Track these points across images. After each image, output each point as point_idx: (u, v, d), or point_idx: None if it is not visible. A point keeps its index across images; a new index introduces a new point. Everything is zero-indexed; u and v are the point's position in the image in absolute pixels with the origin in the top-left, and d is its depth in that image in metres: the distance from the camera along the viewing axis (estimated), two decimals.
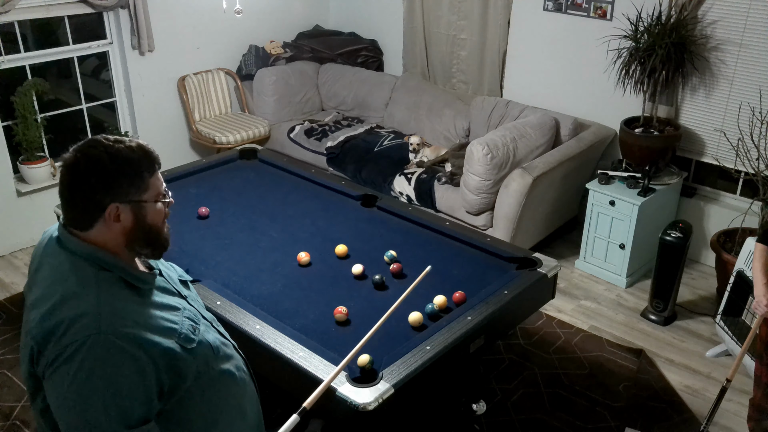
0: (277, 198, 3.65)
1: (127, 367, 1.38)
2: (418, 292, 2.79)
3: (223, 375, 1.60)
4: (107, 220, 1.46)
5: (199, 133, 5.20)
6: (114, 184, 1.45)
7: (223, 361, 1.61)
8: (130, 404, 1.38)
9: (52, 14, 4.47)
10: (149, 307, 1.48)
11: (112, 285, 1.46)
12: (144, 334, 1.41)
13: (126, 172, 1.46)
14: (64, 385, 1.37)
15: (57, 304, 1.42)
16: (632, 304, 4.10)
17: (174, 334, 1.48)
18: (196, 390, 1.52)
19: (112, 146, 1.46)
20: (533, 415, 3.17)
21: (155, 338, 1.43)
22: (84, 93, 4.89)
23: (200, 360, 1.53)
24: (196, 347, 1.52)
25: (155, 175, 1.53)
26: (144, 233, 1.51)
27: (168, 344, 1.45)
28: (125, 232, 1.49)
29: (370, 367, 2.29)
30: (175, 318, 1.52)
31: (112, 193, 1.45)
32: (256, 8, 5.53)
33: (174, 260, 2.92)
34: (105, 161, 1.44)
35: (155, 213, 1.53)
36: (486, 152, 4.02)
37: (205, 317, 1.67)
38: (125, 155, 1.46)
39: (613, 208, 4.12)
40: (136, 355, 1.38)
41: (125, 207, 1.47)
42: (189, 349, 1.49)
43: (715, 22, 4.05)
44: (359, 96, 5.61)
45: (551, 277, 2.92)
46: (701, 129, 4.31)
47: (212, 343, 1.59)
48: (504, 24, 4.94)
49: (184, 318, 1.54)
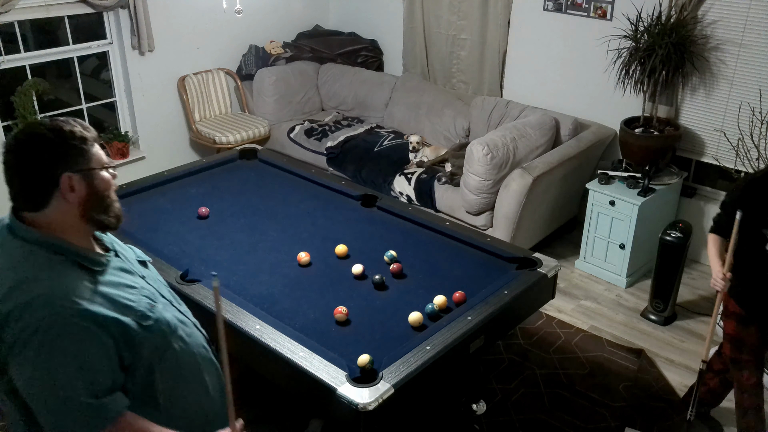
0: (277, 198, 3.65)
1: (87, 342, 1.44)
2: (418, 292, 2.80)
3: (183, 352, 1.66)
4: (63, 192, 1.51)
5: (199, 133, 5.20)
6: (63, 155, 1.51)
7: (181, 339, 1.67)
8: (95, 376, 1.45)
9: (52, 14, 4.47)
10: (105, 286, 1.54)
11: (66, 268, 1.51)
12: (99, 310, 1.47)
13: (70, 143, 1.52)
14: (29, 367, 1.43)
15: (11, 290, 1.45)
16: (632, 304, 4.10)
17: (130, 311, 1.54)
18: (156, 366, 1.59)
19: (49, 124, 1.54)
20: (533, 415, 3.17)
21: (111, 314, 1.49)
22: (84, 93, 4.89)
23: (158, 337, 1.59)
24: (153, 324, 1.58)
25: (95, 145, 1.59)
26: (99, 200, 1.57)
27: (125, 320, 1.51)
28: (81, 201, 1.54)
29: (370, 367, 2.29)
30: (132, 296, 1.57)
31: (63, 163, 1.51)
32: (256, 8, 5.53)
33: (174, 260, 2.93)
34: (49, 137, 1.50)
35: (104, 181, 1.59)
36: (486, 152, 4.02)
37: (165, 296, 1.72)
38: (66, 129, 1.53)
39: (613, 208, 4.12)
40: (93, 330, 1.45)
41: (77, 176, 1.52)
42: (146, 326, 1.55)
43: (715, 22, 4.05)
44: (359, 96, 5.61)
45: (551, 277, 2.92)
46: (701, 129, 4.31)
47: (170, 321, 1.64)
48: (504, 24, 4.94)
49: (141, 296, 1.59)
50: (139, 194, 3.60)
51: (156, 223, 3.31)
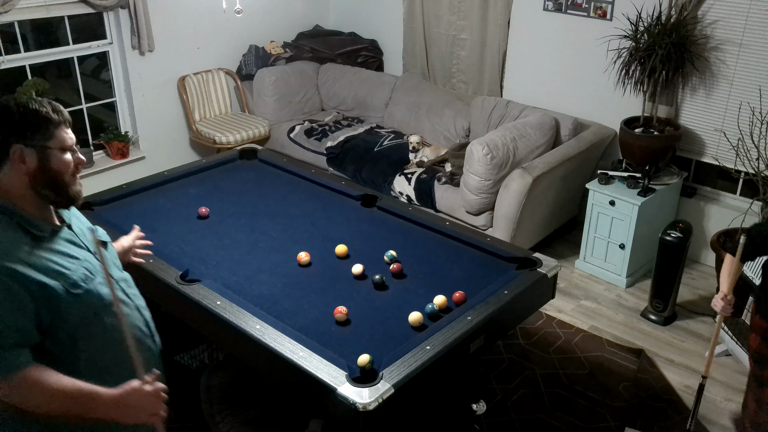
0: (277, 198, 3.65)
1: (2, 295, 1.56)
2: (418, 292, 2.80)
3: (114, 328, 1.74)
4: (13, 161, 1.65)
5: (199, 133, 5.20)
6: (20, 128, 1.65)
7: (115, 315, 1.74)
8: (2, 328, 1.55)
9: (52, 14, 4.47)
10: (42, 251, 1.66)
11: (8, 228, 1.65)
12: (26, 270, 1.60)
13: (31, 120, 1.66)
14: None
15: None
16: (632, 304, 4.10)
17: (62, 277, 1.66)
18: (82, 334, 1.69)
19: (20, 99, 1.69)
20: (533, 415, 3.17)
21: (38, 276, 1.61)
22: (84, 93, 4.90)
23: (86, 307, 1.69)
24: (83, 294, 1.69)
25: (61, 128, 1.71)
26: (47, 177, 1.69)
27: (52, 284, 1.63)
28: (29, 173, 1.67)
29: (370, 367, 2.29)
30: (70, 265, 1.69)
31: (17, 135, 1.65)
32: (256, 8, 5.54)
33: (174, 260, 2.94)
34: (12, 109, 1.66)
35: (60, 162, 1.70)
36: (486, 152, 4.02)
37: (114, 276, 1.82)
38: (32, 107, 1.67)
39: (613, 208, 4.12)
40: (12, 287, 1.57)
41: (30, 150, 1.66)
42: (74, 294, 1.67)
43: (715, 22, 4.05)
44: (359, 96, 5.61)
45: (551, 277, 2.92)
46: (701, 129, 4.31)
47: (104, 296, 1.74)
48: (504, 24, 4.94)
49: (80, 267, 1.71)
50: (139, 194, 3.60)
51: (156, 223, 3.30)
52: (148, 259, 2.90)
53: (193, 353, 3.39)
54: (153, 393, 1.67)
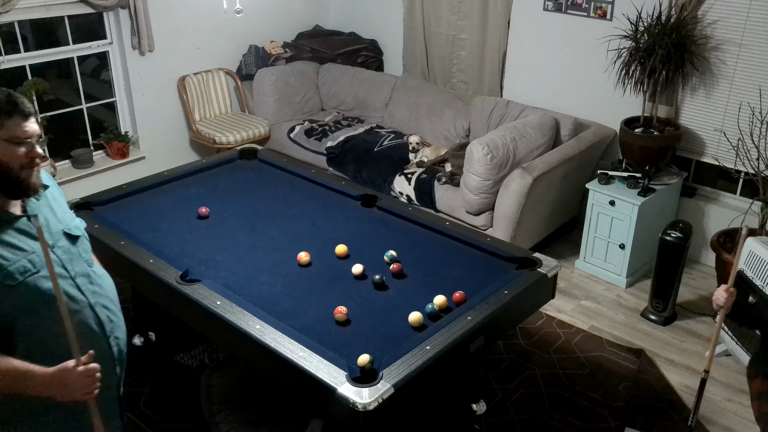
0: (277, 198, 3.65)
1: None
2: (418, 292, 2.80)
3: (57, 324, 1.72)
4: None
5: (199, 133, 5.20)
6: None
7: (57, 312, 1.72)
8: None
9: (52, 14, 4.47)
10: None
11: None
12: None
13: None
14: None
15: None
16: (632, 304, 4.10)
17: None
18: (17, 322, 1.71)
19: None
20: (533, 415, 3.17)
21: None
22: (84, 93, 4.89)
23: (19, 299, 1.71)
24: (17, 286, 1.70)
25: (14, 120, 1.71)
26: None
27: None
28: None
29: (370, 367, 2.29)
30: (10, 256, 1.71)
31: None
32: (256, 8, 5.54)
33: (174, 260, 2.93)
34: None
35: (7, 153, 1.70)
36: (486, 152, 4.03)
37: (70, 272, 1.83)
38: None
39: (613, 208, 4.12)
40: None
41: None
42: (7, 285, 1.69)
43: (715, 22, 4.05)
44: (359, 96, 5.61)
45: (551, 277, 2.92)
46: (701, 129, 4.31)
47: (45, 292, 1.74)
48: (504, 24, 4.94)
49: (23, 259, 1.72)
50: (139, 194, 3.60)
51: (156, 223, 3.31)
52: (149, 259, 2.91)
53: (193, 353, 3.39)
54: (86, 373, 1.70)
